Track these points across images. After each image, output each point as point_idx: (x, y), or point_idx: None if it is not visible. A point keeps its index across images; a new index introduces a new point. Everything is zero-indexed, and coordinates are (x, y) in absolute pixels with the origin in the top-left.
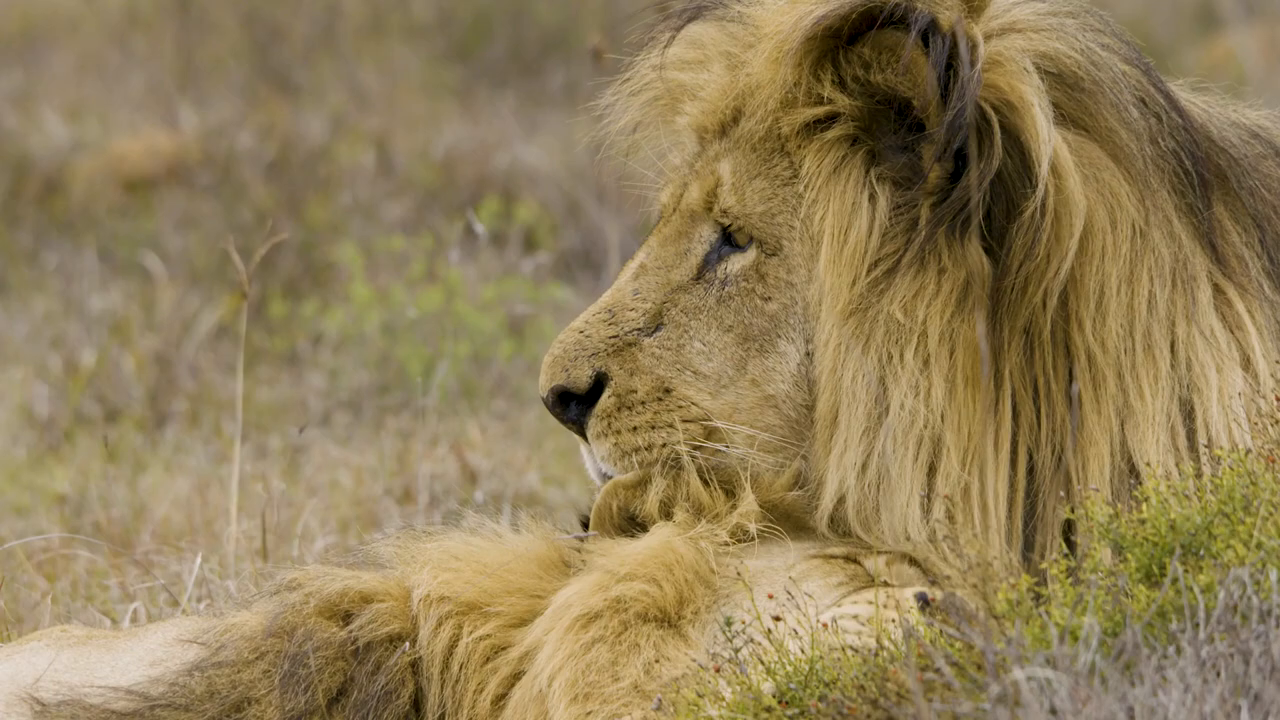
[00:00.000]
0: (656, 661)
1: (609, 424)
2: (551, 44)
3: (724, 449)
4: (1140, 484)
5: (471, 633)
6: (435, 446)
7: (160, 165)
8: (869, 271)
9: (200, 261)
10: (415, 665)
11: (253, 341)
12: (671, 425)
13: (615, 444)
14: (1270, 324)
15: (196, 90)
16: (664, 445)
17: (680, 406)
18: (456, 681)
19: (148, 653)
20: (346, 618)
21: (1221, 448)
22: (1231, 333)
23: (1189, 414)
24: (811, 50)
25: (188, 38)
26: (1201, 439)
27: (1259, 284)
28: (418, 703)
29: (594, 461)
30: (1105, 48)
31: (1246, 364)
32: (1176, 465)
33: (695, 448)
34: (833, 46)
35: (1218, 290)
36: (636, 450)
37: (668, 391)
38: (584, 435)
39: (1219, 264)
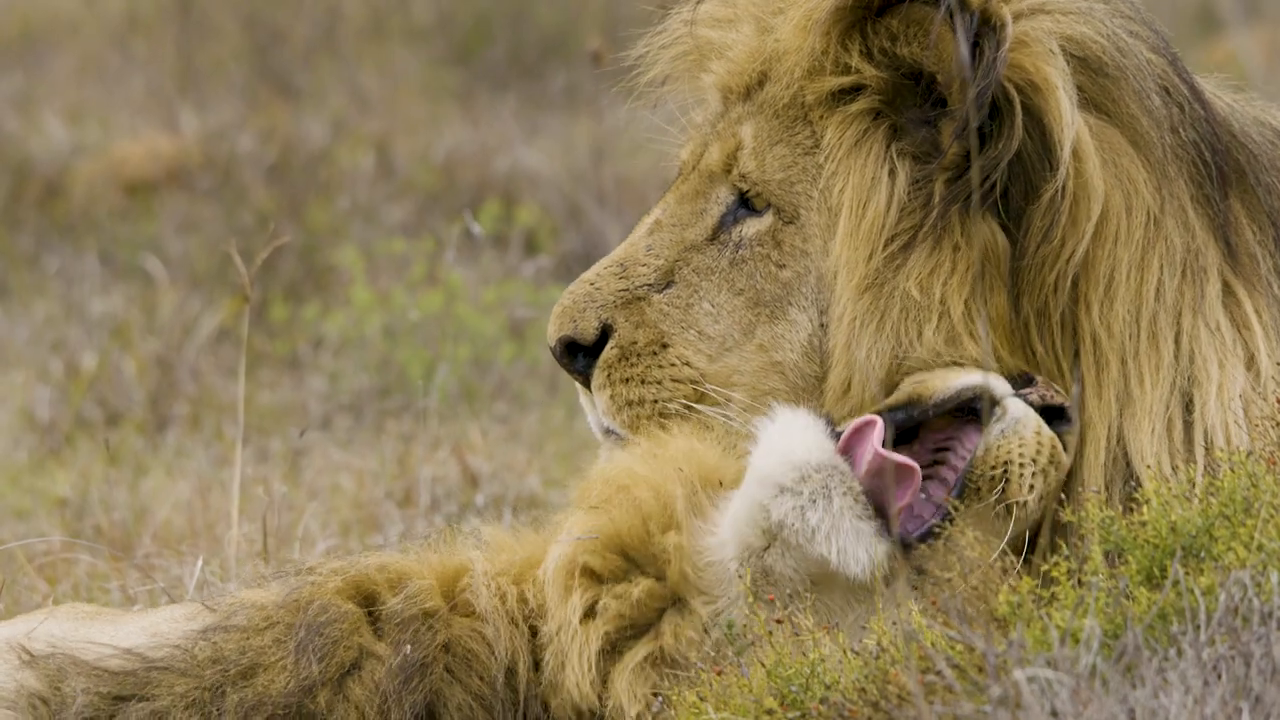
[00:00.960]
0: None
1: (609, 375)
2: (552, 47)
3: (714, 413)
4: (1132, 473)
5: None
6: (436, 450)
7: (161, 168)
8: (885, 246)
9: (201, 265)
10: (448, 646)
11: (254, 345)
12: (660, 383)
13: (612, 395)
14: (1277, 324)
15: (197, 93)
16: (655, 401)
17: (672, 365)
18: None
19: (151, 624)
20: (369, 598)
21: (1221, 449)
22: (1238, 330)
23: (1188, 407)
24: (841, 19)
25: (188, 41)
26: (1198, 434)
27: (1268, 282)
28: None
29: (595, 415)
30: (1133, 34)
31: (1250, 362)
32: (1171, 460)
33: (687, 408)
34: (861, 17)
35: (1227, 286)
36: (630, 404)
37: (665, 347)
38: (589, 387)
39: (1231, 259)
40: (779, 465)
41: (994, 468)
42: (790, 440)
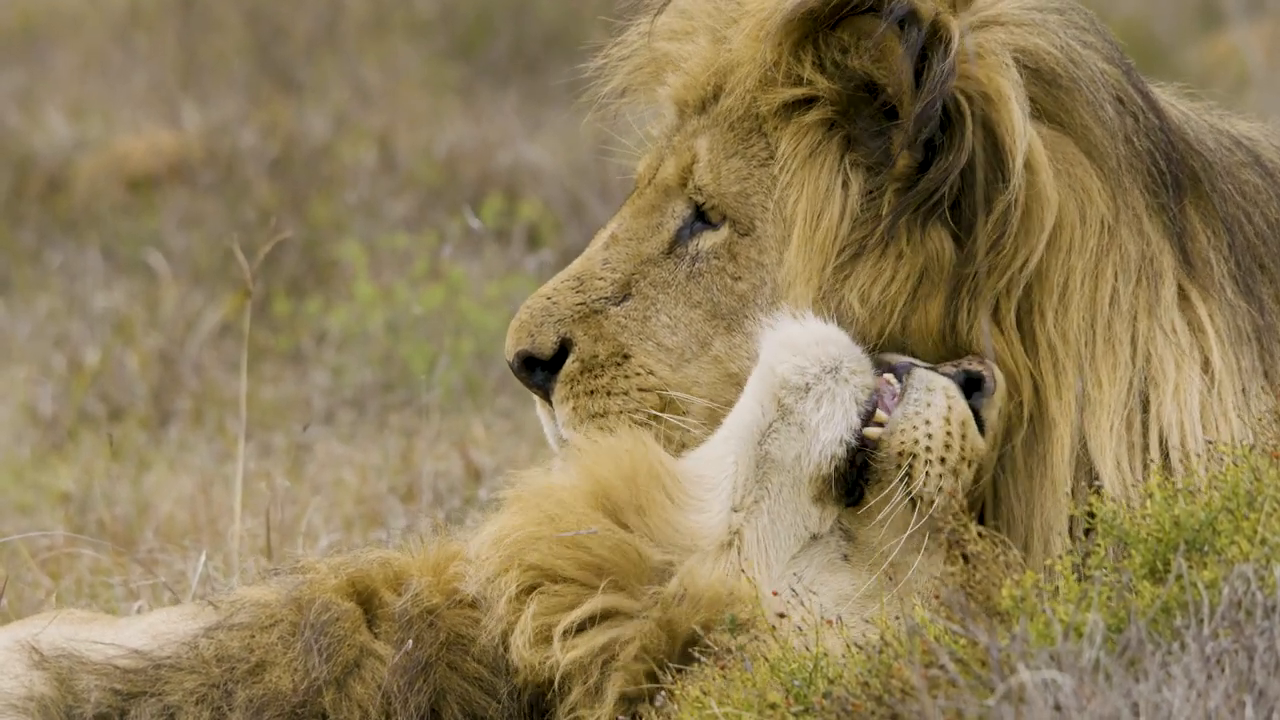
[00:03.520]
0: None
1: (571, 388)
2: (554, 41)
3: (680, 421)
4: (1093, 471)
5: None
6: (439, 444)
7: (163, 163)
8: (837, 257)
9: (203, 260)
10: (447, 641)
11: (256, 340)
12: (626, 393)
13: (574, 408)
14: (1230, 328)
15: (199, 88)
16: (620, 412)
17: (637, 374)
18: None
19: (150, 625)
20: (367, 596)
21: (1176, 447)
22: (1194, 334)
23: (1145, 406)
24: (792, 31)
25: (190, 35)
26: (1154, 433)
27: (1221, 287)
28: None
29: (553, 426)
30: (1086, 45)
31: (1206, 366)
32: (1130, 458)
33: (651, 417)
34: (813, 29)
35: (1182, 292)
36: (594, 416)
37: (627, 358)
38: (549, 401)
39: (1186, 265)
40: (801, 334)
41: (899, 454)
42: (818, 325)
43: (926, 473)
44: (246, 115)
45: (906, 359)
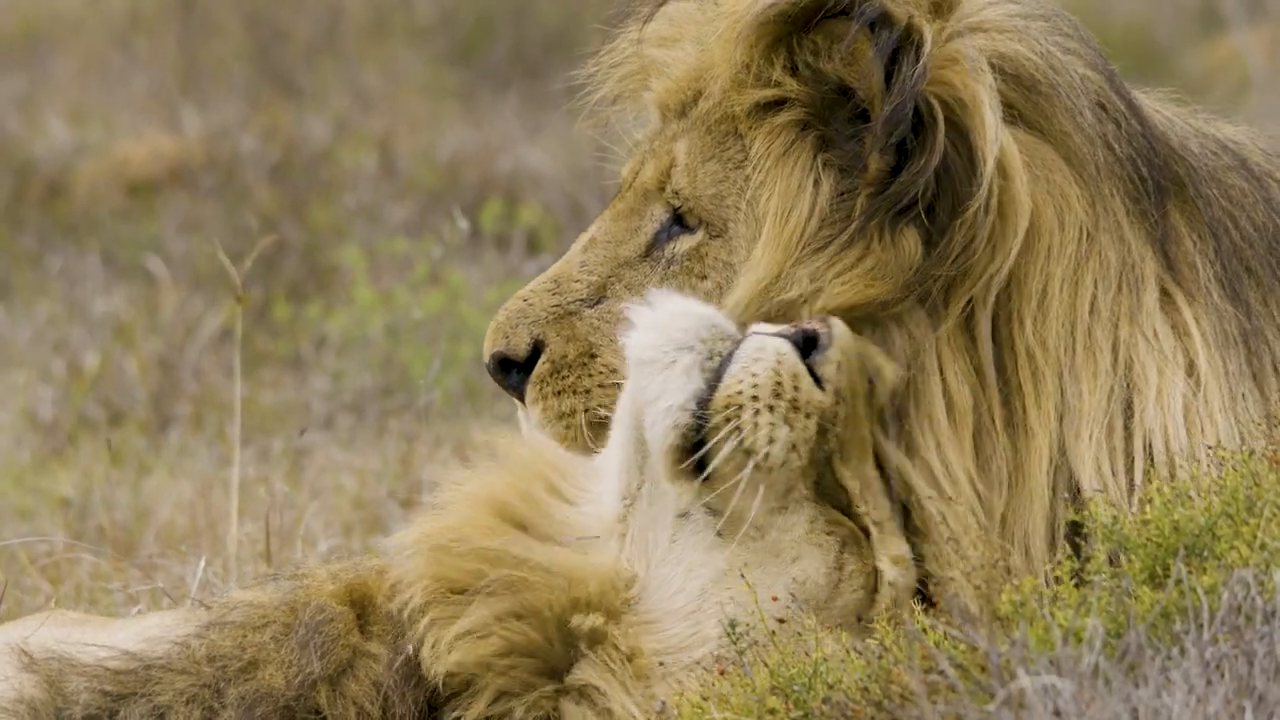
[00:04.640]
0: None
1: (541, 389)
2: (554, 45)
3: None
4: (1074, 479)
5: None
6: (439, 449)
7: (163, 168)
8: (800, 251)
9: (203, 265)
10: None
11: (256, 345)
12: (589, 391)
13: (544, 409)
14: (1216, 331)
15: (199, 93)
16: (586, 410)
17: (601, 373)
18: None
19: (142, 629)
20: (363, 601)
21: (1160, 451)
22: (1178, 338)
23: (1128, 412)
24: (765, 34)
25: (190, 40)
26: (1138, 438)
27: (1207, 290)
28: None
29: (529, 428)
30: (1068, 52)
31: (1191, 369)
32: (1111, 464)
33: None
34: (787, 32)
35: (1166, 296)
36: (561, 416)
37: (593, 357)
38: (525, 402)
39: (1169, 270)
40: (658, 313)
41: (726, 407)
42: (677, 300)
43: (755, 422)
44: (247, 120)
45: (754, 326)
